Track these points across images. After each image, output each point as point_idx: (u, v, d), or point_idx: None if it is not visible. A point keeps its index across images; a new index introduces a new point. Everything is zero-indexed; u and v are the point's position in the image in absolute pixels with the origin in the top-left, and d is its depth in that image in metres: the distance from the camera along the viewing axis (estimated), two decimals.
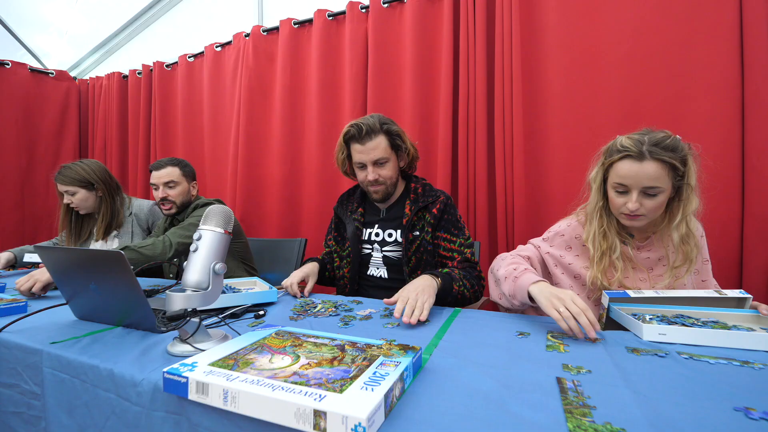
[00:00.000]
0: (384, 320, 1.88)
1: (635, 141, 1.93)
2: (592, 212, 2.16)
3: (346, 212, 2.86)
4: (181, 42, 5.66)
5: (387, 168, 2.60)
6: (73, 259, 1.78)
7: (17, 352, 1.61)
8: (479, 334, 1.67)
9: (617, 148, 1.98)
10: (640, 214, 1.98)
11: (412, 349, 1.29)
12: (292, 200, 4.56)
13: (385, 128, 2.56)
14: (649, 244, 2.14)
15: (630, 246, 2.14)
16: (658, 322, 1.69)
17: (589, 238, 2.15)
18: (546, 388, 1.15)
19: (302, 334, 1.45)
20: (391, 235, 2.69)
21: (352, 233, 2.76)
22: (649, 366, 1.32)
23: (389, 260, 2.68)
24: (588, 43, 3.24)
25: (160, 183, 3.33)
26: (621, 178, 1.96)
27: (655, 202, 1.94)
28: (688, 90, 2.94)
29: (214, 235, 1.56)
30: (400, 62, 4.01)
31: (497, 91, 3.53)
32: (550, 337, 1.61)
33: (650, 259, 2.13)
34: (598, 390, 1.14)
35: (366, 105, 4.11)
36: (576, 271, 2.22)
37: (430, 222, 2.56)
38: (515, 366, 1.31)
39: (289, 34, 4.54)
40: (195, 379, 1.09)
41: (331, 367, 1.15)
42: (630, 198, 1.96)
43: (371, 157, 2.56)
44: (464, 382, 1.20)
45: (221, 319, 1.85)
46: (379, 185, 2.63)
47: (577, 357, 1.39)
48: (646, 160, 1.89)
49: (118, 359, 1.40)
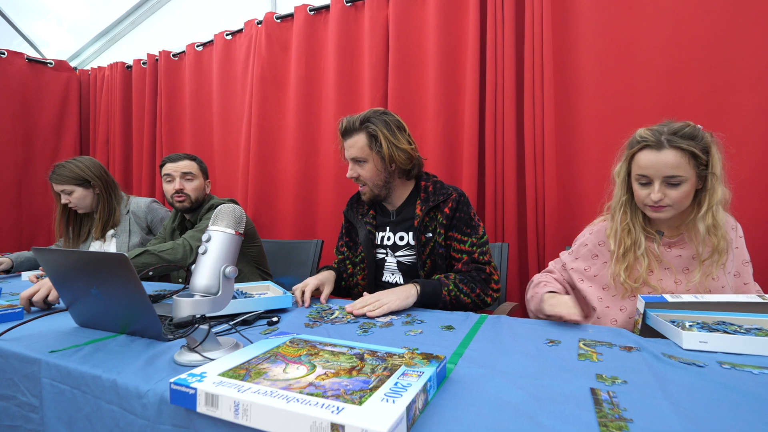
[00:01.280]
0: (406, 327, 1.88)
1: (654, 131, 2.03)
2: (616, 207, 2.23)
3: (357, 215, 2.87)
4: (189, 30, 5.72)
5: (366, 169, 2.62)
6: (73, 262, 1.77)
7: (14, 361, 1.59)
8: (507, 342, 1.66)
9: (636, 140, 2.08)
10: (665, 204, 2.03)
11: (435, 358, 1.29)
12: (308, 199, 4.60)
13: (365, 126, 2.57)
14: (680, 240, 2.16)
15: (657, 243, 2.17)
16: (699, 329, 1.68)
17: (611, 234, 2.22)
18: (579, 400, 1.14)
19: (319, 342, 1.45)
20: (403, 238, 2.69)
21: (365, 238, 2.76)
22: (689, 376, 1.30)
23: (403, 266, 2.68)
24: (624, 29, 3.23)
25: (177, 174, 3.37)
26: (642, 168, 2.04)
27: (679, 192, 2.00)
28: (733, 81, 2.93)
29: (225, 236, 1.56)
30: (423, 51, 4.02)
31: (527, 81, 3.53)
32: (582, 345, 1.61)
33: (683, 258, 2.15)
34: (635, 401, 1.12)
35: (386, 97, 4.13)
36: (604, 281, 2.26)
37: (442, 222, 2.55)
38: (546, 376, 1.30)
39: (304, 21, 4.57)
40: (204, 391, 1.08)
41: (349, 377, 1.14)
42: (653, 188, 2.02)
43: (349, 153, 2.62)
44: (492, 394, 1.18)
45: (232, 326, 1.86)
46: (362, 185, 2.68)
47: (612, 366, 1.38)
48: (664, 148, 1.97)
49: (122, 369, 1.39)
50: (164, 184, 3.43)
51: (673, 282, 2.14)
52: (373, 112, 2.59)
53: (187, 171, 3.37)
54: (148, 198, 3.86)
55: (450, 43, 3.87)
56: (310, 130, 4.59)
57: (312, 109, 4.58)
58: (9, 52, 5.96)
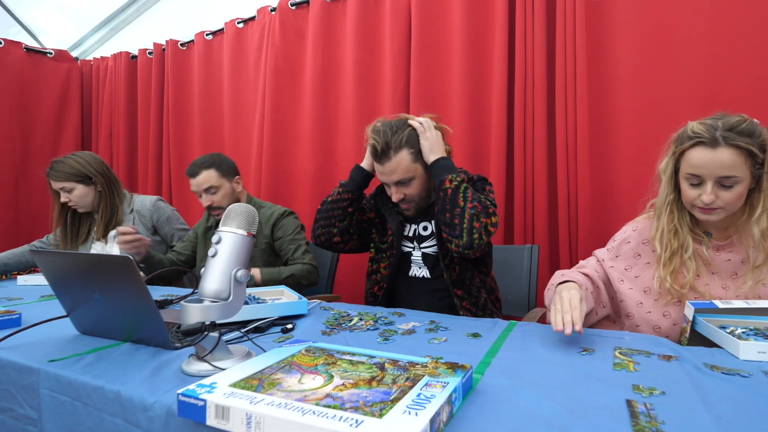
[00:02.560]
0: (429, 335, 1.89)
1: (707, 126, 1.92)
2: (662, 207, 2.16)
3: (387, 204, 2.85)
4: (198, 17, 5.73)
5: (413, 186, 2.61)
6: (74, 265, 1.78)
7: (11, 371, 1.60)
8: (538, 350, 1.67)
9: (688, 135, 1.98)
10: (717, 207, 1.96)
11: (461, 367, 1.29)
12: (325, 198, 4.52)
13: (407, 143, 2.54)
14: (730, 244, 2.11)
15: (706, 246, 2.12)
16: (754, 337, 1.67)
17: (657, 236, 2.16)
18: (614, 412, 1.14)
19: (336, 350, 1.45)
20: (426, 228, 2.73)
21: (397, 227, 2.76)
22: (732, 387, 1.29)
23: (429, 257, 2.72)
24: (662, 16, 3.21)
25: (201, 190, 3.39)
26: (693, 167, 1.96)
27: (733, 194, 1.93)
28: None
29: (236, 237, 1.56)
30: (448, 40, 4.01)
31: (559, 72, 3.53)
32: (618, 354, 1.61)
33: (732, 262, 2.10)
34: (674, 414, 1.12)
35: (408, 89, 4.15)
36: (645, 284, 2.21)
37: None
38: (579, 387, 1.31)
39: (321, 8, 4.58)
40: (214, 402, 1.08)
41: (369, 388, 1.15)
42: (704, 189, 1.95)
43: (392, 178, 2.57)
44: (521, 406, 1.18)
45: (244, 333, 1.86)
46: (406, 203, 2.67)
47: (650, 376, 1.38)
48: (720, 146, 1.88)
49: (126, 379, 1.40)
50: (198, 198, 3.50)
51: (721, 287, 2.10)
52: (399, 123, 2.59)
53: (208, 186, 3.38)
54: (154, 196, 3.89)
55: (477, 31, 3.86)
56: (327, 124, 4.60)
57: (329, 102, 4.59)
58: (6, 41, 5.98)
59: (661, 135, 2.78)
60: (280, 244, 3.44)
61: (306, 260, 3.33)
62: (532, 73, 3.61)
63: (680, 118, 2.98)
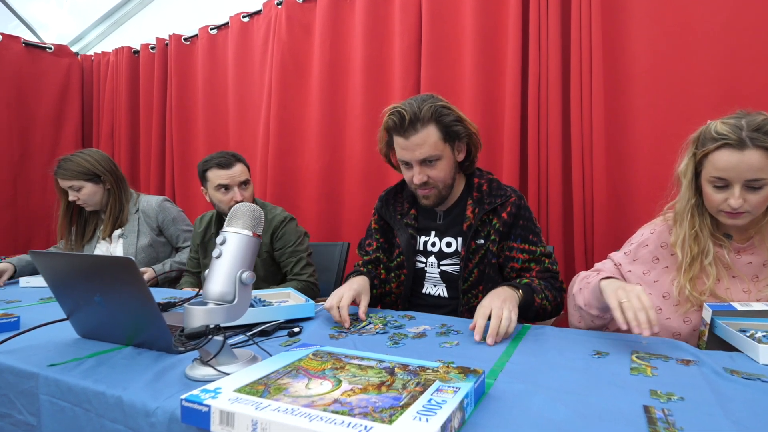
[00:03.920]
0: (440, 339, 1.89)
1: (732, 126, 1.88)
2: (683, 212, 2.13)
3: (395, 215, 2.66)
4: (201, 11, 5.73)
5: (439, 167, 2.39)
6: (74, 267, 1.78)
7: (9, 376, 1.60)
8: (552, 354, 1.68)
9: (712, 136, 1.94)
10: (744, 210, 1.93)
11: (473, 372, 1.29)
12: (333, 197, 4.62)
13: (437, 116, 2.30)
14: (751, 245, 2.10)
15: (727, 249, 2.11)
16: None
17: (678, 242, 2.12)
18: (631, 418, 1.14)
19: (344, 355, 1.46)
20: (450, 244, 2.54)
21: (406, 243, 2.58)
22: (753, 392, 1.30)
23: (448, 276, 2.54)
24: (679, 11, 3.19)
25: (236, 183, 3.26)
26: (720, 171, 1.92)
27: (761, 196, 1.90)
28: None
29: (241, 238, 1.56)
30: (460, 35, 4.00)
31: (574, 68, 3.52)
32: (635, 358, 1.61)
33: (753, 265, 2.09)
34: (693, 420, 1.12)
35: (419, 86, 4.14)
36: (665, 288, 2.19)
37: (499, 229, 2.41)
38: (595, 392, 1.32)
39: (329, 2, 4.58)
40: (219, 408, 1.08)
41: (378, 393, 1.15)
42: (732, 193, 1.90)
43: (417, 155, 2.33)
44: (535, 411, 1.20)
45: (249, 337, 1.86)
46: (428, 188, 2.43)
47: (667, 381, 1.39)
48: (747, 148, 1.84)
49: (128, 384, 1.41)
50: (215, 193, 3.27)
51: (742, 291, 2.09)
52: (428, 97, 2.37)
53: (244, 179, 3.30)
54: (160, 196, 3.89)
55: (489, 26, 3.85)
56: (335, 122, 4.60)
57: (337, 99, 4.59)
58: (4, 35, 5.98)
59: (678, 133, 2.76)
60: (280, 255, 3.41)
61: (304, 276, 3.30)
62: (546, 69, 3.60)
63: (698, 115, 2.96)
